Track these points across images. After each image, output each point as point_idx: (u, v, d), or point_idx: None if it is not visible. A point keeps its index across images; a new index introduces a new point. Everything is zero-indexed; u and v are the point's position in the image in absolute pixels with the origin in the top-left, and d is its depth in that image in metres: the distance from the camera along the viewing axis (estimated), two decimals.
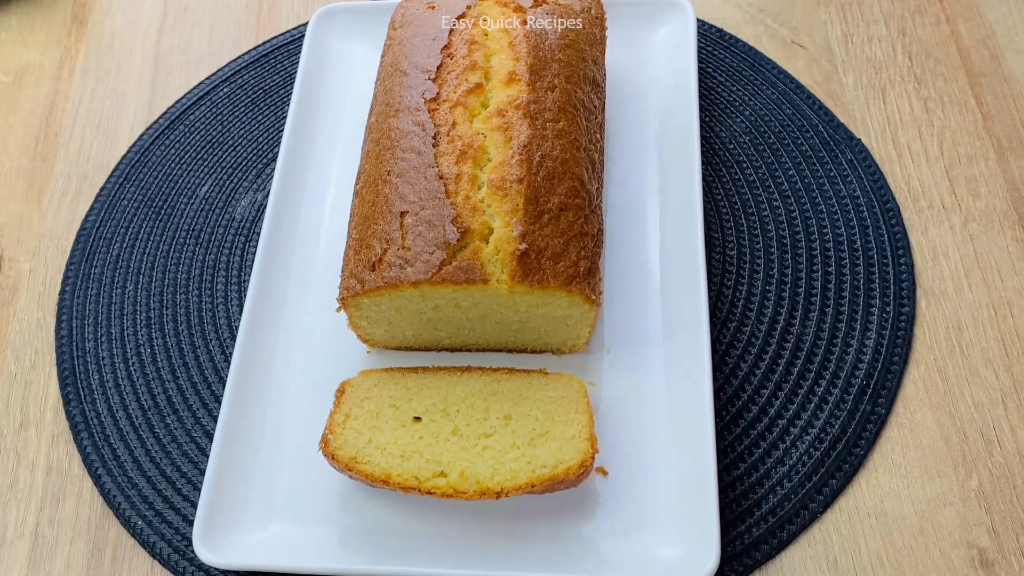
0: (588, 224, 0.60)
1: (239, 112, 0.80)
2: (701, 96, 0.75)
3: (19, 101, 0.84)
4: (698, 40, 0.75)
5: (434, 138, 0.60)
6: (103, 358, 0.68)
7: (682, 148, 0.69)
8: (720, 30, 0.80)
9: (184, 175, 0.77)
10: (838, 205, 0.70)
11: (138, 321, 0.70)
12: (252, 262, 0.69)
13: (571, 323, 0.60)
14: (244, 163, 0.77)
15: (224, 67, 0.83)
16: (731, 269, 0.68)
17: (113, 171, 0.78)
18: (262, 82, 0.82)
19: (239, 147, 0.78)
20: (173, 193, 0.76)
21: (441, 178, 0.58)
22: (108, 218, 0.76)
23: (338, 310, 0.60)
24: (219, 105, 0.81)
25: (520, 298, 0.57)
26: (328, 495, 0.59)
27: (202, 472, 0.62)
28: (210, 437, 0.64)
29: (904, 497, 0.59)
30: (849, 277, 0.66)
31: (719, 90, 0.77)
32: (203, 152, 0.79)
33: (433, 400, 0.59)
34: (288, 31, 0.85)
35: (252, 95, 0.81)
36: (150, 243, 0.74)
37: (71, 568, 0.61)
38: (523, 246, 0.56)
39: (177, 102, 0.82)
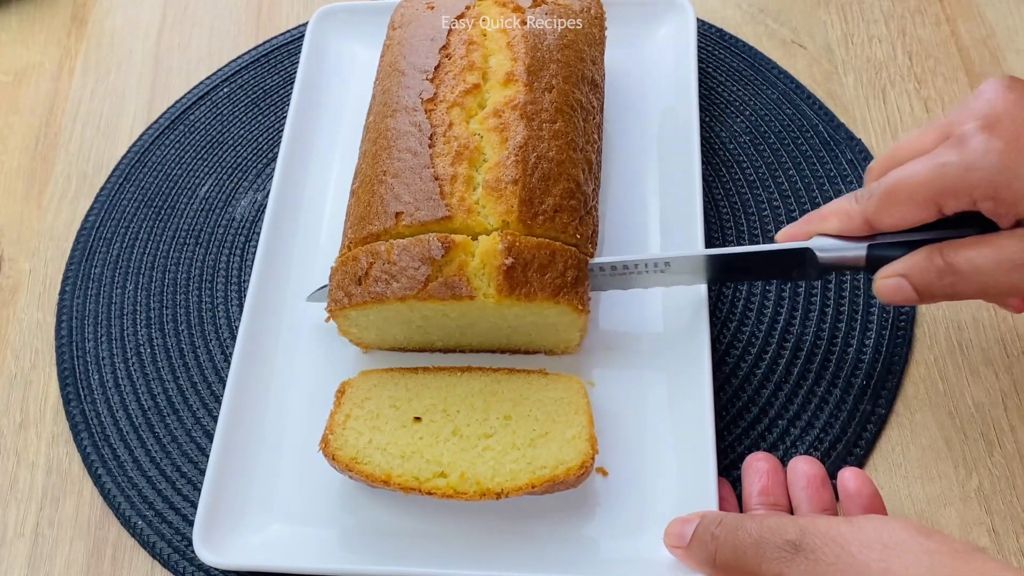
0: (582, 226, 0.60)
1: (239, 112, 0.80)
2: (701, 96, 0.75)
3: (19, 101, 0.84)
4: (698, 40, 0.75)
5: (430, 139, 0.60)
6: (103, 358, 0.68)
7: (682, 148, 0.69)
8: (720, 30, 0.80)
9: (184, 175, 0.77)
10: None
11: (138, 321, 0.70)
12: (252, 262, 0.69)
13: (561, 329, 0.60)
14: (244, 163, 0.77)
15: (224, 67, 0.83)
16: None
17: (113, 171, 0.78)
18: (262, 82, 0.82)
19: (239, 147, 0.78)
20: (173, 193, 0.76)
21: (436, 179, 0.58)
22: (108, 218, 0.76)
23: (327, 320, 0.60)
24: (219, 105, 0.81)
25: (508, 309, 0.57)
26: (328, 495, 0.59)
27: (202, 472, 0.62)
28: (210, 437, 0.64)
29: (904, 497, 0.59)
30: (849, 277, 0.66)
31: (719, 90, 0.77)
32: (203, 152, 0.79)
33: (433, 400, 0.59)
34: (288, 31, 0.85)
35: (252, 95, 0.81)
36: (150, 243, 0.74)
37: (71, 568, 0.61)
38: (509, 260, 0.55)
39: (177, 102, 0.82)
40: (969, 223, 0.49)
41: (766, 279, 0.63)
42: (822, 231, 0.54)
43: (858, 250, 0.52)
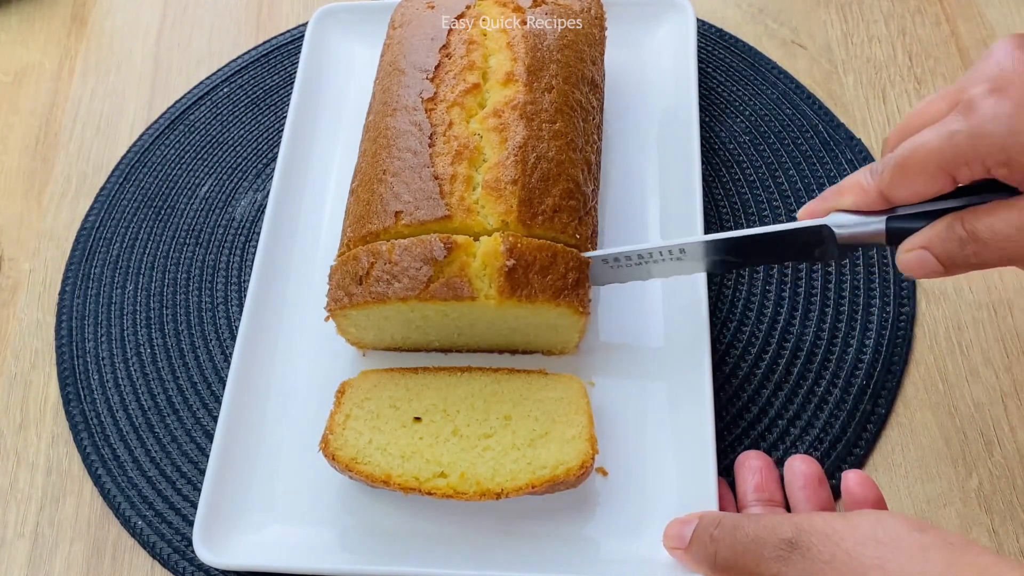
0: (582, 226, 0.60)
1: (239, 112, 0.80)
2: (701, 96, 0.75)
3: (19, 101, 0.84)
4: (698, 40, 0.75)
5: (430, 138, 0.60)
6: (103, 358, 0.68)
7: (682, 148, 0.69)
8: (720, 30, 0.80)
9: (184, 175, 0.77)
10: None
11: (138, 321, 0.70)
12: (252, 262, 0.69)
13: (560, 330, 0.60)
14: (244, 163, 0.77)
15: (224, 67, 0.83)
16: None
17: (113, 171, 0.78)
18: (262, 82, 0.82)
19: (239, 147, 0.78)
20: (173, 193, 0.76)
21: (436, 178, 0.58)
22: (108, 218, 0.76)
23: (326, 319, 0.60)
24: (219, 105, 0.81)
25: (508, 311, 0.57)
26: (328, 495, 0.59)
27: (202, 472, 0.62)
28: (210, 437, 0.64)
29: (904, 497, 0.59)
30: (849, 277, 0.66)
31: (719, 90, 0.77)
32: (203, 152, 0.79)
33: (433, 400, 0.59)
34: (288, 31, 0.85)
35: (252, 95, 0.81)
36: (150, 243, 0.74)
37: (71, 568, 0.61)
38: (511, 262, 0.55)
39: (177, 102, 0.82)
40: (994, 189, 0.46)
41: (784, 262, 0.62)
42: (839, 207, 0.51)
43: (877, 224, 0.50)
